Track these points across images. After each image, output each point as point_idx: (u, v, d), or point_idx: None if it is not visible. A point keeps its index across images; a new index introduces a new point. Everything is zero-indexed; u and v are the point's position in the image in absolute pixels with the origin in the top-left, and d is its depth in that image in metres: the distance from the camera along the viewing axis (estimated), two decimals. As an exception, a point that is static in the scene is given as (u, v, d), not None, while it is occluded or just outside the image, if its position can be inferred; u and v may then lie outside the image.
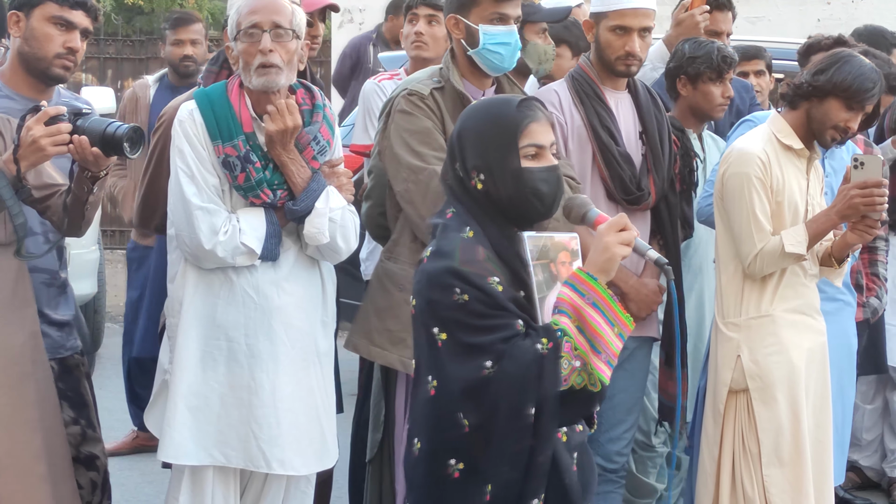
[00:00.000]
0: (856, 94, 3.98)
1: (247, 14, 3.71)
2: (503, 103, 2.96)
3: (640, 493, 4.90)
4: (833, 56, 4.08)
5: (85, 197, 3.64)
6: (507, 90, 4.09)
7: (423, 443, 2.88)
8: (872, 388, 5.94)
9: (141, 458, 4.75)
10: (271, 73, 3.67)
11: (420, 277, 2.87)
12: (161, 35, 6.71)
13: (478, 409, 2.76)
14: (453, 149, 2.95)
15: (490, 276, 2.79)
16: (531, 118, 2.89)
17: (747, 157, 4.01)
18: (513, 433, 2.74)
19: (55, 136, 3.47)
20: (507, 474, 2.77)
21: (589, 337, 2.75)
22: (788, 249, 3.95)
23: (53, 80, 3.94)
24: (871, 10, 10.64)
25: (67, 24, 3.88)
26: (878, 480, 6.03)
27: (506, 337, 2.76)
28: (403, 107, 3.93)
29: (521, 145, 2.87)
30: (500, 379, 2.73)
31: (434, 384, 2.84)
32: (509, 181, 2.86)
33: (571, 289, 2.78)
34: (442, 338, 2.80)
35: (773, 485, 3.98)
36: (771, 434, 4.00)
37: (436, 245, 2.88)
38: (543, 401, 2.73)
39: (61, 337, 3.93)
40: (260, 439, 3.73)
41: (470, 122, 2.96)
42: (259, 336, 3.74)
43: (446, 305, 2.78)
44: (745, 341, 4.04)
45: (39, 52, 3.87)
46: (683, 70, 4.83)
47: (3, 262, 3.61)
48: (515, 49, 3.98)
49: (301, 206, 3.72)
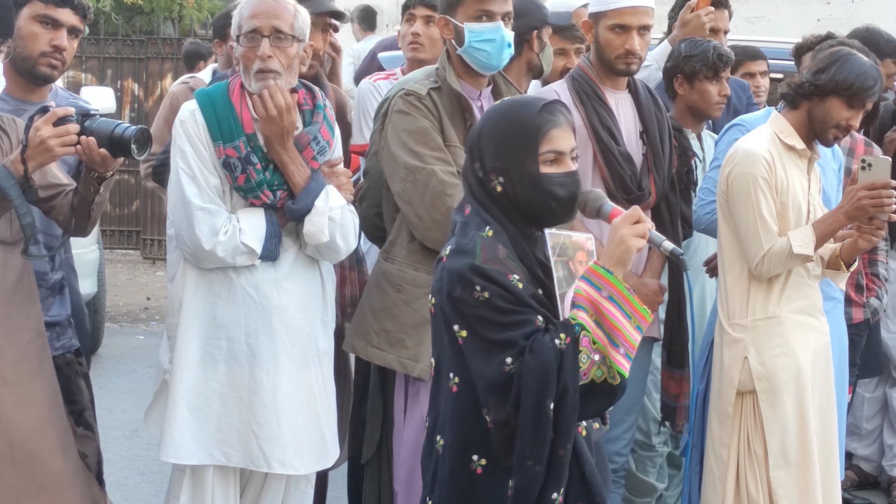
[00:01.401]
0: (858, 93, 3.98)
1: (248, 18, 3.71)
2: (526, 106, 2.94)
3: (639, 493, 4.91)
4: (833, 54, 4.07)
5: (91, 197, 3.65)
6: (503, 91, 4.08)
7: (447, 439, 2.90)
8: (874, 378, 5.95)
9: (140, 458, 4.75)
10: (269, 79, 3.67)
11: (440, 275, 2.87)
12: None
13: (500, 404, 2.77)
14: (473, 149, 2.95)
15: (511, 273, 2.80)
16: (553, 124, 2.89)
17: (752, 157, 4.00)
18: (534, 427, 2.75)
19: (63, 137, 3.48)
20: (530, 468, 2.78)
21: (607, 330, 2.76)
22: (796, 251, 3.94)
23: (40, 79, 3.94)
24: (871, 10, 10.66)
25: (53, 23, 3.89)
26: (877, 475, 6.03)
27: (527, 333, 2.77)
28: (401, 107, 3.92)
29: (541, 151, 2.87)
30: (521, 375, 2.74)
31: (456, 381, 2.87)
32: (527, 185, 2.87)
33: (587, 283, 2.79)
34: (462, 335, 2.81)
35: (781, 486, 3.97)
36: (778, 436, 3.99)
37: (455, 243, 2.88)
38: (563, 394, 2.74)
39: (51, 337, 3.92)
40: (260, 439, 3.73)
41: (491, 124, 2.95)
42: (259, 335, 3.74)
43: (467, 303, 2.79)
44: (753, 343, 4.03)
45: (25, 52, 3.88)
46: (680, 69, 4.83)
47: (9, 260, 3.62)
48: (502, 46, 3.95)
49: (300, 205, 3.72)
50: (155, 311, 9.85)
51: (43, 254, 3.82)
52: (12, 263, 3.62)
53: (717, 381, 4.11)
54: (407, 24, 5.23)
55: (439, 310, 2.87)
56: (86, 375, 4.05)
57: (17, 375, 3.58)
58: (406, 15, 5.26)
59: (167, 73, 12.41)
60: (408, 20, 5.24)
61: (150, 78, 12.48)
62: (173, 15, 13.44)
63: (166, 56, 12.42)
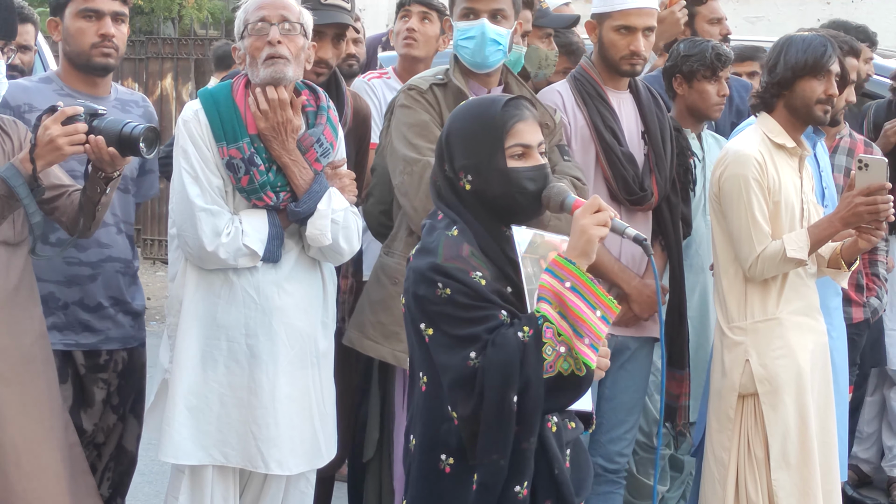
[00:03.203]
0: (815, 63, 4.00)
1: (254, 10, 3.73)
2: (489, 103, 2.96)
3: (640, 495, 4.89)
4: (774, 47, 4.11)
5: (97, 198, 3.66)
6: (514, 90, 4.07)
7: (417, 438, 2.91)
8: (873, 381, 5.95)
9: (140, 458, 4.72)
10: (279, 64, 3.67)
11: (407, 275, 2.90)
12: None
13: (465, 400, 2.77)
14: (441, 150, 2.96)
15: (473, 271, 2.81)
16: (517, 118, 2.89)
17: (743, 158, 4.01)
18: (498, 421, 2.74)
19: (72, 136, 3.51)
20: (494, 462, 2.78)
21: (571, 322, 2.74)
22: (790, 254, 3.95)
23: (98, 69, 4.07)
24: (871, 10, 10.66)
25: (96, 13, 4.01)
26: (874, 475, 6.04)
27: (490, 328, 2.77)
28: (403, 101, 3.97)
29: (508, 145, 2.88)
30: (485, 369, 2.75)
31: (424, 380, 2.88)
32: (496, 181, 2.87)
33: (551, 275, 2.78)
34: (428, 333, 2.83)
35: (781, 488, 3.97)
36: (779, 437, 3.99)
37: (421, 243, 2.90)
38: (526, 387, 2.73)
39: (133, 327, 4.15)
40: (258, 439, 3.73)
41: (457, 123, 2.97)
42: (259, 336, 3.74)
43: (431, 300, 2.80)
44: (753, 345, 4.03)
45: (77, 48, 4.02)
46: (678, 69, 4.83)
47: (12, 260, 3.61)
48: (482, 43, 3.93)
49: (303, 207, 3.72)
50: (155, 311, 9.85)
51: (50, 254, 3.82)
52: (15, 264, 3.62)
53: (718, 385, 4.11)
54: (402, 21, 5.23)
55: (407, 309, 2.89)
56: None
57: (20, 376, 3.58)
58: (402, 11, 5.26)
59: (167, 73, 12.40)
60: (403, 16, 5.24)
61: (150, 78, 12.47)
62: (173, 15, 13.42)
63: (166, 56, 12.42)
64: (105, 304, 4.07)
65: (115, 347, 4.12)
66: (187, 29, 12.96)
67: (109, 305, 4.09)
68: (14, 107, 3.92)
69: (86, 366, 4.06)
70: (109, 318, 4.09)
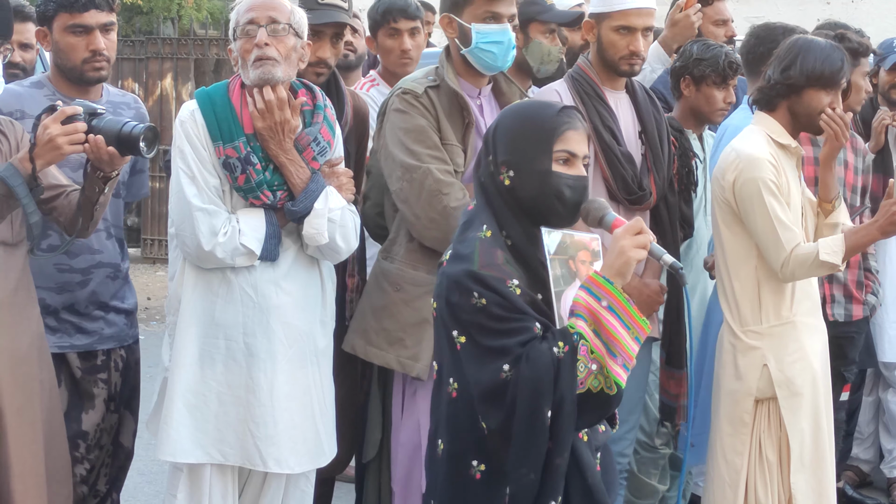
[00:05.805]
0: (829, 78, 3.98)
1: (244, 12, 3.73)
2: (546, 106, 3.00)
3: (641, 495, 4.88)
4: (792, 47, 4.04)
5: (96, 197, 3.66)
6: (504, 88, 4.10)
7: (446, 444, 2.90)
8: (870, 382, 5.94)
9: (140, 458, 4.73)
10: (267, 65, 3.67)
11: (440, 280, 2.89)
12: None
13: (496, 411, 2.77)
14: (488, 142, 2.98)
15: (509, 279, 2.81)
16: (570, 126, 2.92)
17: (757, 161, 3.96)
18: (530, 435, 2.75)
19: (72, 135, 3.50)
20: (526, 476, 2.78)
21: (605, 340, 2.75)
22: (823, 258, 3.89)
23: (90, 82, 4.08)
24: (871, 10, 10.64)
25: (84, 28, 4.00)
26: (873, 476, 6.04)
27: (523, 340, 2.77)
28: (398, 105, 3.93)
29: (555, 149, 2.89)
30: (517, 382, 2.74)
31: (455, 386, 2.88)
32: (536, 182, 2.88)
33: (587, 292, 2.78)
34: (461, 341, 2.82)
35: (799, 491, 3.95)
36: (798, 441, 3.97)
37: (454, 248, 2.90)
38: (560, 403, 2.74)
39: (127, 325, 4.16)
40: (257, 438, 3.73)
41: (508, 120, 2.99)
42: (257, 335, 3.74)
43: (465, 309, 2.80)
44: (771, 350, 3.99)
45: (68, 63, 4.03)
46: (689, 71, 4.81)
47: (10, 261, 3.61)
48: (509, 48, 3.97)
49: (300, 206, 3.72)
50: (155, 310, 9.85)
51: (49, 254, 3.82)
52: (13, 265, 3.62)
53: (730, 388, 4.05)
54: (392, 40, 5.20)
55: (439, 315, 2.89)
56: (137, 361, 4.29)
57: (17, 378, 3.57)
58: (387, 29, 5.22)
59: (167, 73, 12.41)
60: (391, 35, 5.21)
61: (149, 78, 12.48)
62: (172, 15, 13.40)
63: (166, 56, 12.43)
64: (95, 308, 4.09)
65: (111, 346, 4.13)
66: (186, 29, 12.97)
67: (100, 309, 4.10)
68: (7, 113, 3.90)
69: (81, 368, 4.05)
70: (101, 319, 4.10)
